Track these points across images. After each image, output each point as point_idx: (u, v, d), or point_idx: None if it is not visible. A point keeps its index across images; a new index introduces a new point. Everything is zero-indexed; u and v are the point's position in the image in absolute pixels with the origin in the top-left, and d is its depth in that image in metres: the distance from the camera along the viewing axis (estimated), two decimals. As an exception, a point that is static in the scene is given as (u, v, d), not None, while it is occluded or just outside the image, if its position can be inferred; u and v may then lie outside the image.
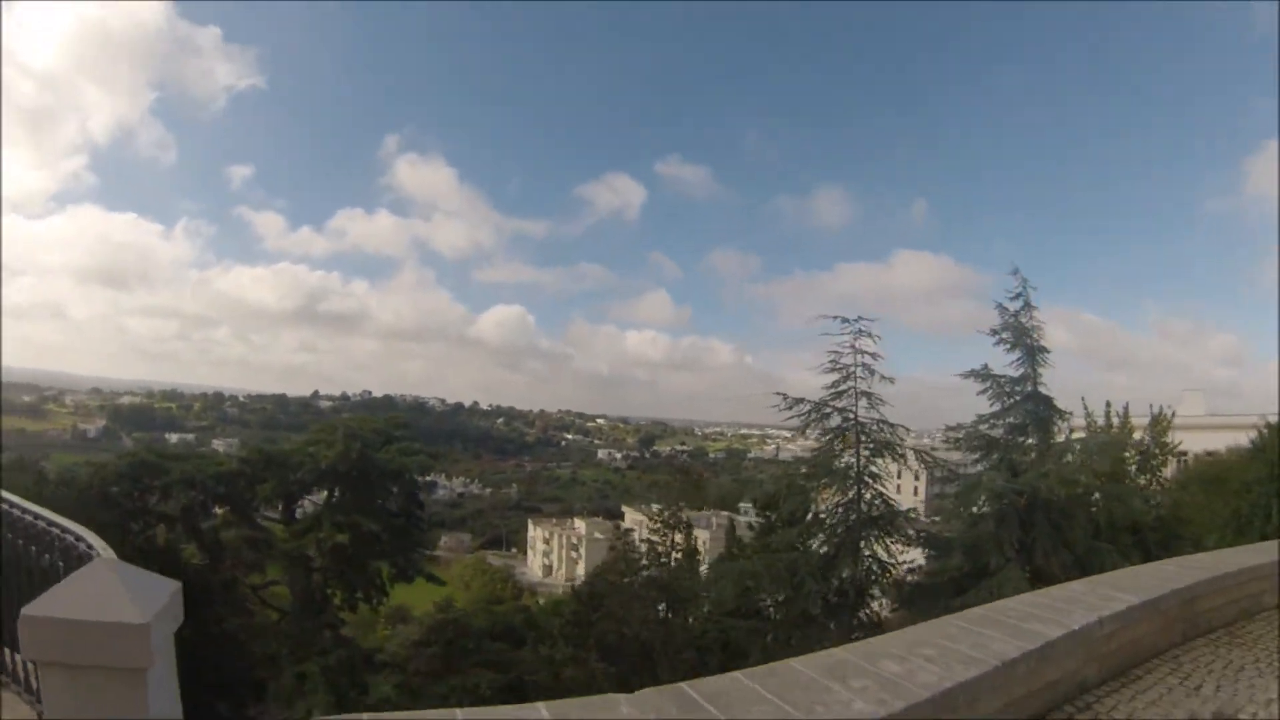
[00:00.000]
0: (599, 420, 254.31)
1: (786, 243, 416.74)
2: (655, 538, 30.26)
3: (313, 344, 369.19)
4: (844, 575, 20.23)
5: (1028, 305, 21.60)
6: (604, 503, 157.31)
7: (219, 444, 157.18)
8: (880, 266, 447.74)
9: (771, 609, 22.73)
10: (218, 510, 31.89)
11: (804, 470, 22.24)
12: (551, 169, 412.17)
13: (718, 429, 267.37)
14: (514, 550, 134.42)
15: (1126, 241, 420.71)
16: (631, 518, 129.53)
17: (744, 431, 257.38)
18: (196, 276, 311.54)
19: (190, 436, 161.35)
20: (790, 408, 21.33)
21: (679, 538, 30.62)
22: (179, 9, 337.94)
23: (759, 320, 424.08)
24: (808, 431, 21.88)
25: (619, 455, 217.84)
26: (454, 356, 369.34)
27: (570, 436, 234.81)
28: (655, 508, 32.63)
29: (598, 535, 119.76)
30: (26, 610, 3.73)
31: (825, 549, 20.99)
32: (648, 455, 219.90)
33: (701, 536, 47.77)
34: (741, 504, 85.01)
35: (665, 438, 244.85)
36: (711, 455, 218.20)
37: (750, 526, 39.60)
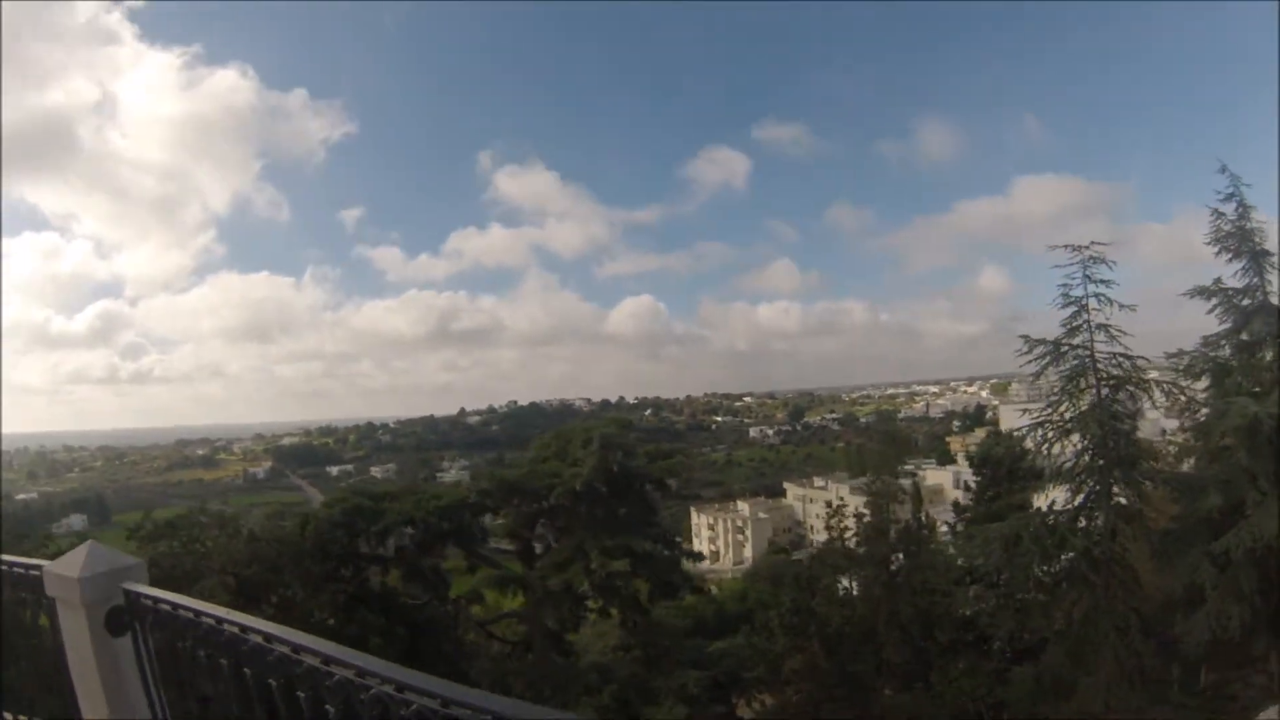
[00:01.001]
0: (745, 399, 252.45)
1: (899, 189, 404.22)
2: (867, 511, 27.75)
3: (453, 363, 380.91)
4: (1098, 525, 19.12)
5: (1243, 206, 20.13)
6: (762, 481, 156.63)
7: (376, 471, 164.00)
8: (1001, 199, 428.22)
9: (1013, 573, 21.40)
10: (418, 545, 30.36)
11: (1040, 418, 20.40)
12: (648, 155, 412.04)
13: (863, 392, 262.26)
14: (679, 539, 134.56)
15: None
16: (793, 493, 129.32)
17: (890, 391, 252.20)
18: (332, 318, 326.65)
19: (349, 467, 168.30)
20: (1029, 351, 20.00)
21: (898, 508, 28.43)
22: (263, 81, 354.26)
23: (886, 274, 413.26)
24: (1046, 373, 20.27)
25: (770, 431, 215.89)
26: (592, 355, 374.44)
27: (720, 419, 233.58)
28: (862, 480, 30.75)
29: (761, 515, 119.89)
30: None
31: (1073, 501, 19.72)
32: (799, 428, 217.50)
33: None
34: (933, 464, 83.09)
35: (813, 408, 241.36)
36: (862, 420, 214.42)
37: (967, 486, 38.26)
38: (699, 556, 43.17)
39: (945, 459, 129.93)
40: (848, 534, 27.74)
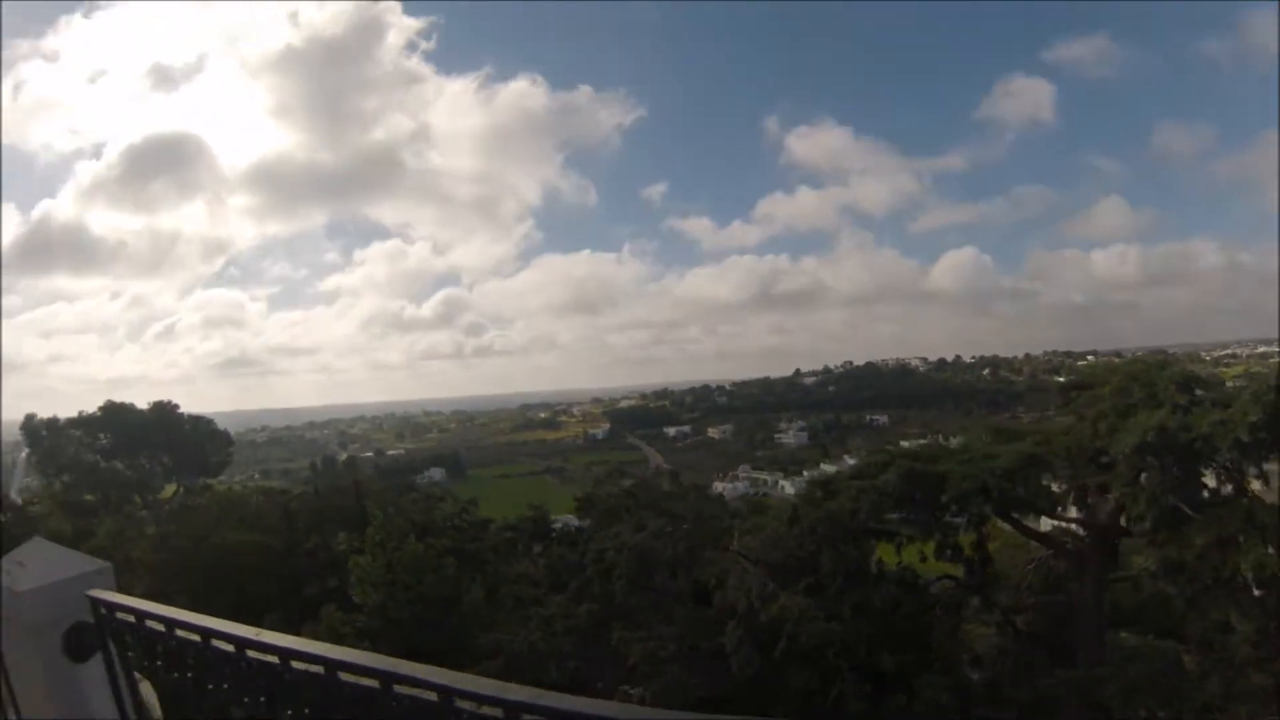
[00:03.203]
0: (1089, 357, 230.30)
1: (1239, 99, 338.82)
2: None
3: (781, 325, 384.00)
4: None
5: None
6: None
7: (714, 432, 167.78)
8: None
9: None
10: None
11: None
12: (939, 96, 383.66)
13: (1226, 350, 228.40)
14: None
15: None
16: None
17: (1262, 349, 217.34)
18: (655, 288, 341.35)
19: (686, 429, 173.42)
20: None
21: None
22: (550, 85, 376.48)
23: (1239, 205, 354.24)
24: None
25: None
26: (918, 313, 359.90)
27: (1062, 379, 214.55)
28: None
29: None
30: None
31: None
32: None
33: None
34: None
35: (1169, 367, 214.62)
36: (1229, 383, 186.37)
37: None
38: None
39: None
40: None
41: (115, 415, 62.64)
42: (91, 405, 63.77)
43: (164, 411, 64.08)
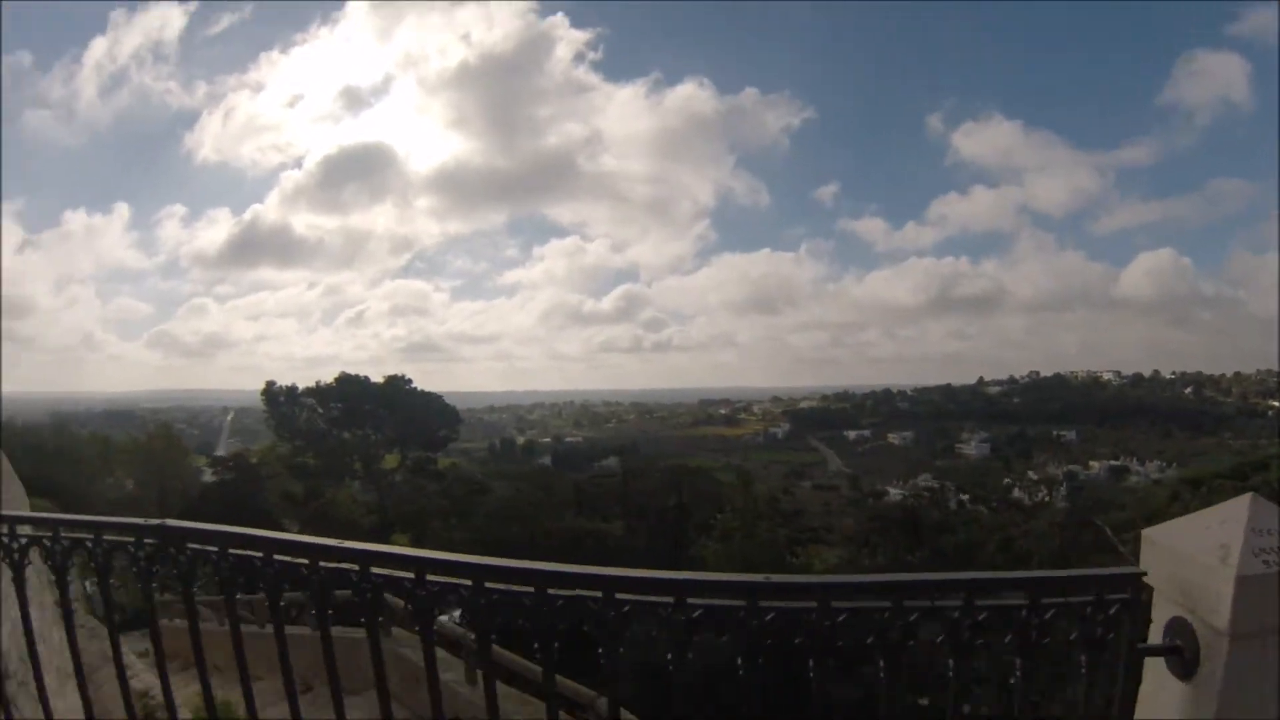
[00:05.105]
0: None
1: None
2: None
3: (961, 330, 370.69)
4: None
5: None
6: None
7: (894, 438, 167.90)
8: None
9: None
10: None
11: None
12: (1112, 79, 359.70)
13: None
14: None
15: None
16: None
17: None
18: (832, 289, 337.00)
19: (866, 433, 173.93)
20: None
21: None
22: (717, 88, 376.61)
23: None
24: None
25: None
26: (1106, 320, 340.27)
27: (1277, 404, 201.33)
28: None
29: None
30: None
31: None
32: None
33: None
34: None
35: None
36: None
37: None
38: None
39: None
40: None
41: (348, 386, 66.53)
42: (291, 380, 67.47)
43: (395, 385, 67.91)
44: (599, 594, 2.52)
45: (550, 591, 2.54)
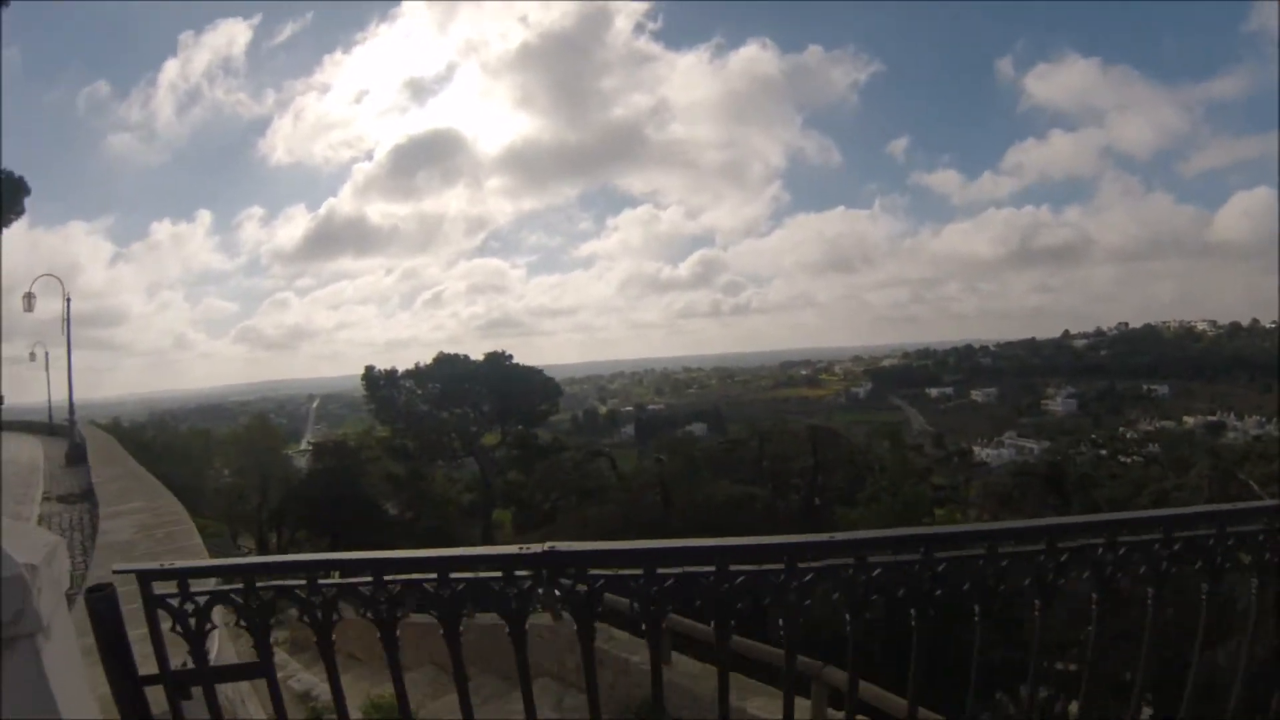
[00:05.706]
0: None
1: None
2: None
3: (1044, 283, 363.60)
4: None
5: None
6: None
7: (977, 395, 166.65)
8: None
9: None
10: None
11: None
12: (1193, 11, 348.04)
13: None
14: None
15: None
16: None
17: None
18: (909, 245, 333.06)
19: (948, 390, 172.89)
20: None
21: None
22: (780, 48, 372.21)
23: None
24: None
25: None
26: (1201, 268, 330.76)
27: None
28: None
29: None
30: None
31: None
32: None
33: None
34: None
35: None
36: None
37: None
38: None
39: None
40: None
41: (447, 366, 66.85)
42: (375, 364, 67.73)
43: (496, 361, 67.61)
44: (780, 566, 2.60)
45: (732, 568, 2.59)
